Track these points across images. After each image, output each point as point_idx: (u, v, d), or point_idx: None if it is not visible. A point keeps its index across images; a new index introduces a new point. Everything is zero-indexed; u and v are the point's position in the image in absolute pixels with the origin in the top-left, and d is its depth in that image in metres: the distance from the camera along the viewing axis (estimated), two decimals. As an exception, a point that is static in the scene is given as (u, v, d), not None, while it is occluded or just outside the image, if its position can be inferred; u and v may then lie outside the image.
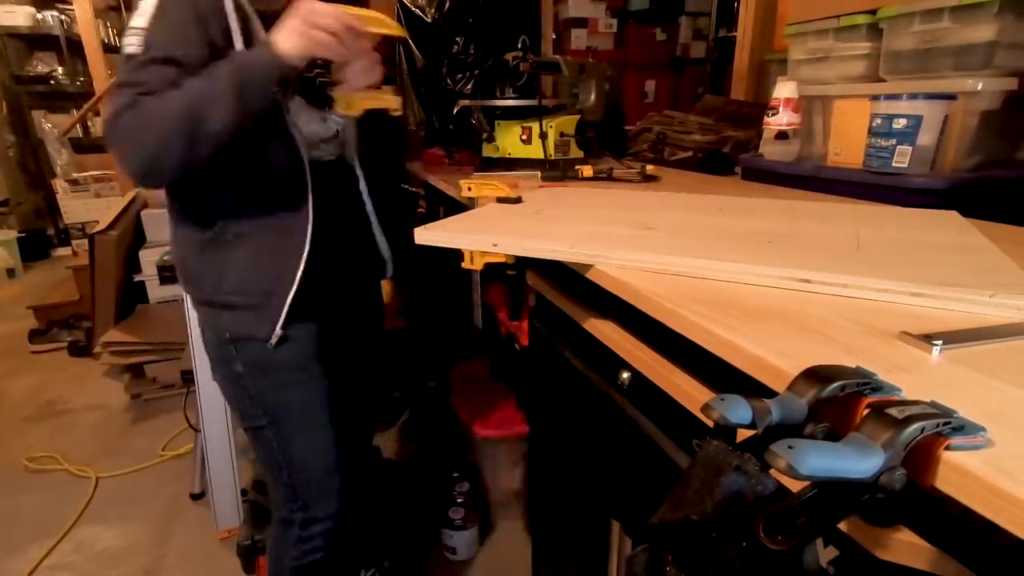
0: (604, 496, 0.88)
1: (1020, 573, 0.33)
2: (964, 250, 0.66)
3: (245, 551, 1.43)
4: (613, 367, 0.74)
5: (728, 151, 1.49)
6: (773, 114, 1.24)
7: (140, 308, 2.57)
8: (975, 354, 0.42)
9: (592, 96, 1.52)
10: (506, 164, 1.47)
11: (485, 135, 1.48)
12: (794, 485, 0.31)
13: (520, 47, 1.57)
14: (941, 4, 0.94)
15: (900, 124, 0.96)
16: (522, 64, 1.37)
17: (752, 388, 0.40)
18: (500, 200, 0.98)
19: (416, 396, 2.05)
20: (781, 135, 1.24)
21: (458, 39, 1.92)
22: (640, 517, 0.80)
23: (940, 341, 0.41)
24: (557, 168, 1.35)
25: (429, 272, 2.09)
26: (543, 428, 1.10)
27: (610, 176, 1.31)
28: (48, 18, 4.15)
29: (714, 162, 1.47)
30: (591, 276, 0.66)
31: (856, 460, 0.28)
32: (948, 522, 0.35)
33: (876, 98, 1.01)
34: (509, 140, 1.45)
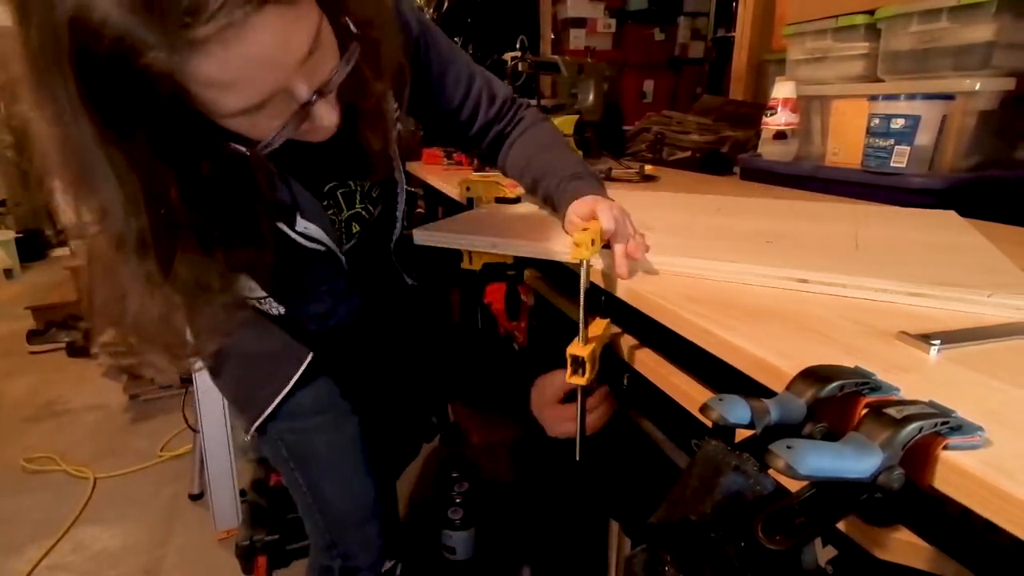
0: (603, 496, 0.88)
1: (1019, 573, 0.33)
2: (962, 250, 0.66)
3: (244, 551, 1.42)
4: (612, 367, 0.74)
5: (726, 151, 1.49)
6: (771, 114, 1.24)
7: (139, 308, 2.56)
8: (973, 354, 0.42)
9: (591, 96, 1.52)
10: (505, 164, 1.47)
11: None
12: (793, 485, 0.31)
13: (519, 47, 1.57)
14: (939, 4, 0.94)
15: (898, 124, 0.96)
16: (521, 64, 1.37)
17: (751, 388, 0.40)
18: (499, 200, 0.98)
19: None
20: (779, 135, 1.24)
21: (457, 39, 1.92)
22: (639, 517, 0.80)
23: (938, 341, 0.41)
24: (556, 168, 1.35)
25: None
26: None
27: (609, 176, 1.31)
28: (46, 18, 4.14)
29: (712, 162, 1.47)
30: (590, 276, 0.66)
31: (855, 460, 0.28)
32: (947, 522, 0.36)
33: (874, 98, 1.01)
34: (508, 140, 1.45)
